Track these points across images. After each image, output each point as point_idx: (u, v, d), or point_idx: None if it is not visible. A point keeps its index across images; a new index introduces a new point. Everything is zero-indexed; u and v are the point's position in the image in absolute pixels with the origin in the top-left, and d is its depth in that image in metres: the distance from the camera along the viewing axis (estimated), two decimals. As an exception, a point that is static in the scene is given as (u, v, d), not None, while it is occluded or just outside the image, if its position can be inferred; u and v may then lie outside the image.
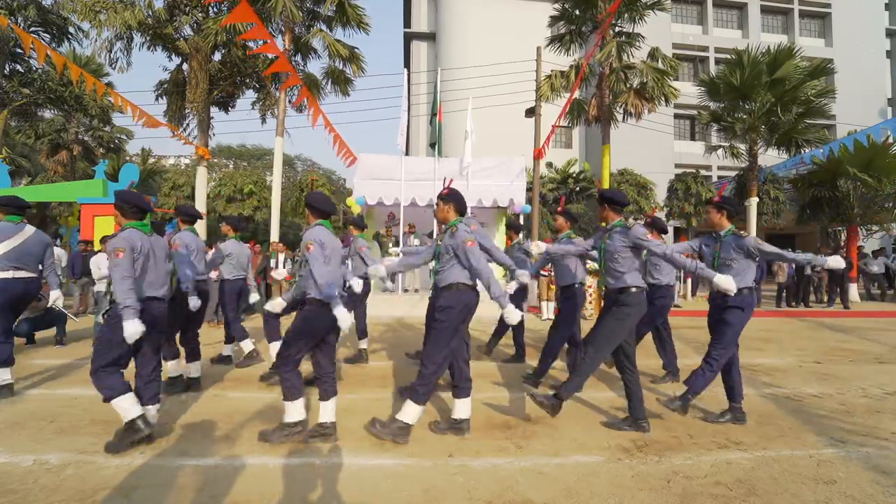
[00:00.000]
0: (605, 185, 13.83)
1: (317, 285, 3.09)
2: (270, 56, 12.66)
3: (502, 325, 5.77)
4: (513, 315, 3.18)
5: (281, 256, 10.14)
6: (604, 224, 3.71)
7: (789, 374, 5.27)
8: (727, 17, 29.77)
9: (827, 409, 4.05)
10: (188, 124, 13.85)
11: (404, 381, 4.87)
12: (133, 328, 2.91)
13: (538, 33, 18.93)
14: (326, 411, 3.27)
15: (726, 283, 3.30)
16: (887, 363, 5.84)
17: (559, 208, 5.03)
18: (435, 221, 10.62)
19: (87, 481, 2.64)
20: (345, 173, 49.70)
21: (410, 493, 2.56)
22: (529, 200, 11.87)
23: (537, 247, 3.62)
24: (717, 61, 27.23)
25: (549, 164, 25.42)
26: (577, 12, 13.70)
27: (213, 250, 5.31)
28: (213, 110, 13.85)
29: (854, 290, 13.66)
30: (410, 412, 3.23)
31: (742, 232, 3.67)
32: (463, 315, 3.28)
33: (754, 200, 14.63)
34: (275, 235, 12.42)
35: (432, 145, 11.01)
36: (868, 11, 29.82)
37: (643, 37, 13.35)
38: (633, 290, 3.39)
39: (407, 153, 10.97)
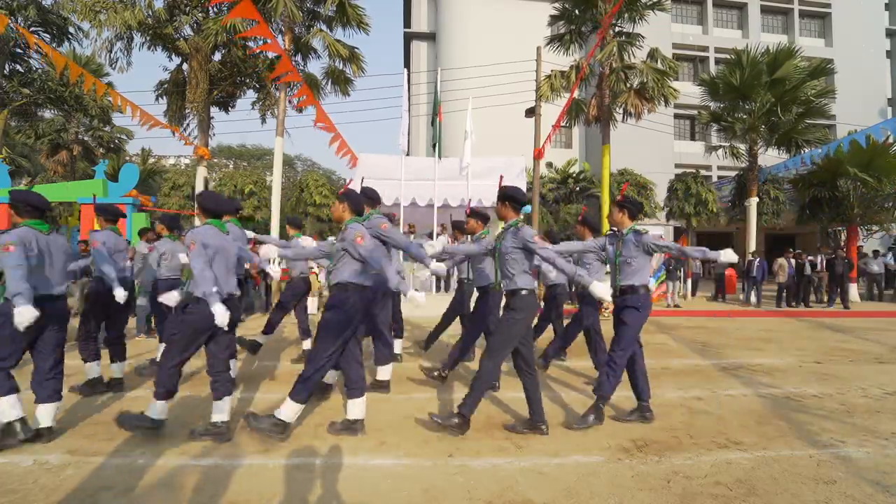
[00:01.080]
0: (605, 186, 13.83)
1: (196, 284, 3.09)
2: (271, 56, 12.67)
3: (444, 321, 5.72)
4: (416, 299, 3.18)
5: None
6: (503, 223, 3.67)
7: (789, 374, 5.27)
8: (727, 17, 29.77)
9: (827, 409, 4.05)
10: (188, 124, 13.85)
11: (410, 381, 4.87)
12: (26, 314, 2.83)
13: (538, 33, 18.91)
14: (219, 410, 3.23)
15: (601, 291, 3.38)
16: (887, 363, 5.84)
17: (467, 209, 5.02)
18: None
19: (87, 481, 2.64)
20: (345, 173, 49.70)
21: (410, 493, 2.56)
22: (529, 200, 11.85)
23: (431, 247, 3.58)
24: (717, 61, 27.21)
25: (549, 164, 25.42)
26: (577, 12, 13.68)
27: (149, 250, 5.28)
28: (213, 110, 13.85)
29: (854, 290, 13.65)
30: (288, 410, 3.18)
31: (643, 229, 3.66)
32: (351, 315, 3.23)
33: (754, 200, 14.63)
34: (274, 235, 12.42)
35: (434, 146, 11.01)
36: (868, 11, 29.81)
37: (643, 37, 13.33)
38: (524, 292, 3.35)
39: (407, 153, 10.97)
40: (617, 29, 13.27)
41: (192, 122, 13.65)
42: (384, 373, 4.47)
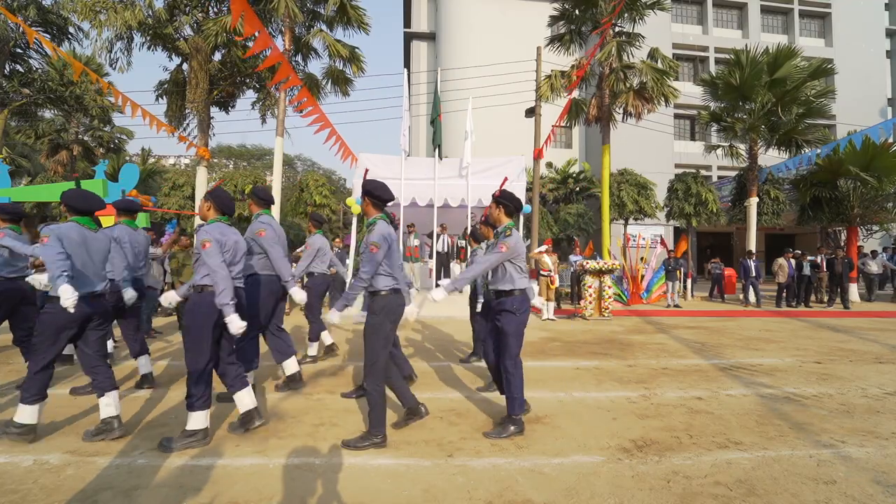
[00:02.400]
0: (606, 186, 13.84)
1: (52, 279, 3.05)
2: (267, 52, 12.67)
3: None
4: (234, 324, 3.06)
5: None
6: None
7: (789, 374, 5.27)
8: (727, 17, 29.76)
9: (827, 409, 4.05)
10: (188, 124, 13.86)
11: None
12: (68, 292, 2.87)
13: (538, 33, 18.94)
14: (106, 405, 3.21)
15: (298, 296, 3.52)
16: (887, 363, 5.84)
17: (484, 213, 5.01)
18: (434, 222, 10.64)
19: (87, 481, 2.64)
20: (345, 173, 49.69)
21: (410, 493, 2.56)
22: (529, 200, 11.86)
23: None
24: (717, 61, 27.23)
25: (549, 164, 25.43)
26: (577, 12, 13.71)
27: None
28: (213, 110, 13.86)
29: (854, 290, 13.66)
30: (193, 420, 3.11)
31: (509, 230, 3.47)
32: (211, 317, 3.12)
33: (754, 200, 14.64)
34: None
35: (438, 146, 11.01)
36: (868, 11, 29.81)
37: (643, 37, 13.36)
38: (382, 292, 3.25)
39: (407, 153, 10.97)
40: (617, 29, 13.28)
41: (192, 122, 13.66)
42: (290, 367, 4.44)
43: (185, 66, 13.27)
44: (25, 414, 3.11)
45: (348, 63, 13.35)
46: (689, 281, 14.35)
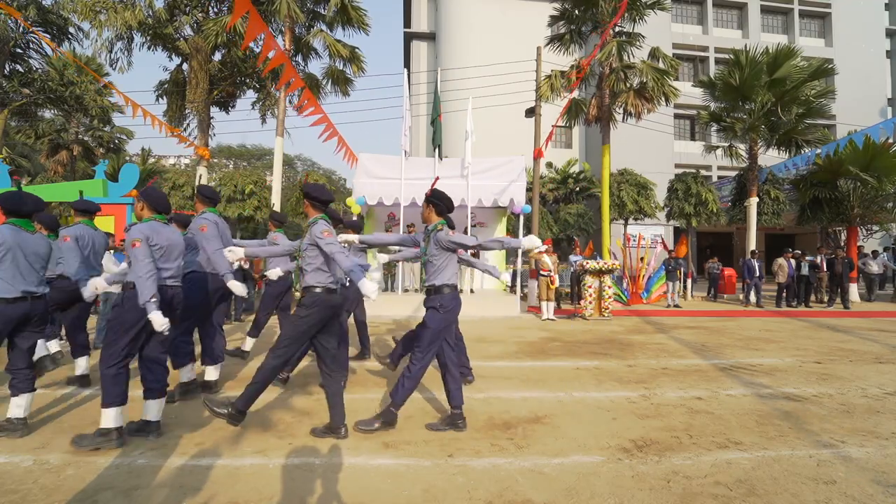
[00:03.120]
0: (605, 186, 13.83)
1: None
2: (271, 56, 12.67)
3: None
4: (155, 322, 3.03)
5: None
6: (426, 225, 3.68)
7: (789, 374, 5.27)
8: (727, 17, 29.77)
9: (827, 409, 4.05)
10: (188, 124, 13.86)
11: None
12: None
13: (538, 33, 18.92)
14: (16, 406, 3.22)
15: (237, 288, 3.60)
16: (887, 363, 5.84)
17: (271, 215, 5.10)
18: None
19: (87, 481, 2.64)
20: (345, 173, 49.70)
21: (410, 493, 2.56)
22: (529, 200, 11.85)
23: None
24: (717, 61, 27.23)
25: (549, 164, 25.43)
26: (577, 12, 13.70)
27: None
28: (213, 110, 13.86)
29: (854, 290, 13.66)
30: (105, 417, 3.08)
31: (440, 226, 3.54)
32: (137, 314, 3.09)
33: (754, 200, 14.63)
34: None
35: (438, 146, 11.01)
36: (868, 11, 29.81)
37: (643, 36, 13.35)
38: (317, 289, 3.24)
39: (406, 154, 10.97)
40: (617, 29, 13.28)
41: (192, 122, 13.66)
42: (211, 373, 4.36)
43: (185, 66, 13.27)
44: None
45: (348, 63, 13.36)
46: (689, 281, 14.35)
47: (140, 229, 3.17)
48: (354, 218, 11.08)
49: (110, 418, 3.06)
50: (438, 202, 3.60)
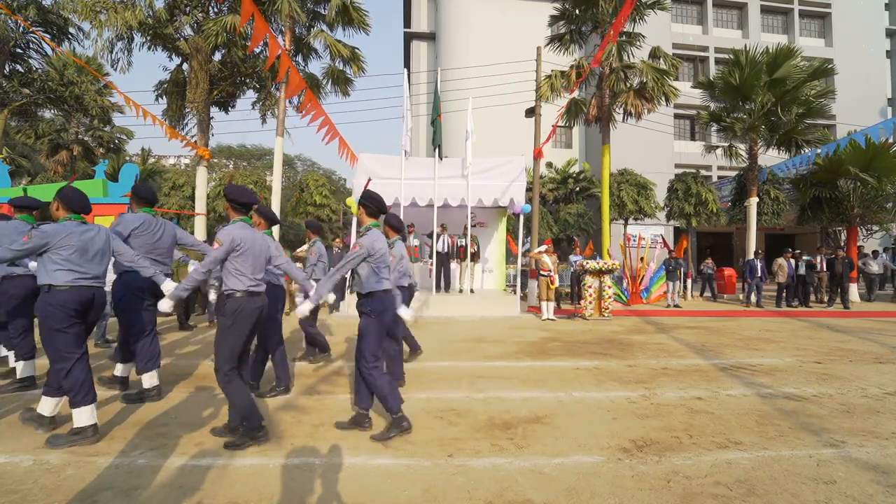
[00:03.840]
0: (605, 186, 13.84)
1: None
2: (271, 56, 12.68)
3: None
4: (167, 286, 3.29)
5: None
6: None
7: (789, 374, 5.27)
8: (727, 17, 29.77)
9: (827, 409, 4.05)
10: (188, 124, 13.86)
11: (409, 381, 4.87)
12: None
13: (538, 33, 18.92)
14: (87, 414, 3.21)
15: (167, 287, 3.56)
16: (887, 363, 5.84)
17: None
18: (434, 222, 10.64)
19: (87, 481, 2.64)
20: (345, 173, 49.68)
21: (410, 493, 2.56)
22: (529, 200, 11.86)
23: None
24: (717, 61, 27.24)
25: (549, 164, 25.43)
26: (578, 12, 13.70)
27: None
28: (213, 110, 13.86)
29: (854, 290, 13.65)
30: (77, 416, 3.13)
31: (373, 228, 3.49)
32: (56, 313, 3.10)
33: (754, 200, 14.63)
34: (275, 235, 12.41)
35: (438, 146, 11.01)
36: (868, 11, 29.81)
37: (643, 36, 13.35)
38: (238, 294, 3.19)
39: (406, 154, 10.98)
40: (612, 29, 13.27)
41: (192, 122, 13.66)
42: (121, 371, 4.29)
43: (185, 66, 13.27)
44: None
45: (349, 63, 13.37)
46: (689, 281, 14.35)
47: (45, 229, 3.15)
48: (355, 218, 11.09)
49: (84, 417, 3.12)
50: (369, 203, 3.55)
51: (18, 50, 15.57)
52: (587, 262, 10.32)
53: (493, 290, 12.11)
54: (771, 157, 16.20)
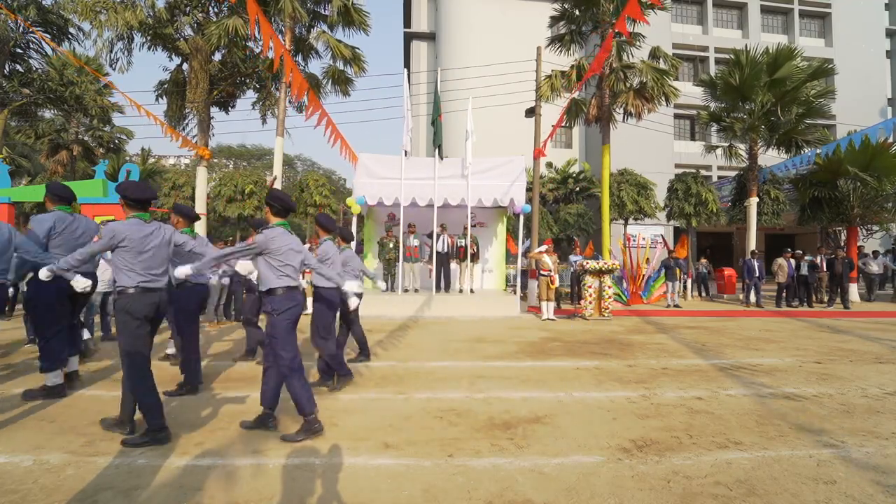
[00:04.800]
0: (605, 186, 13.84)
1: None
2: (271, 56, 12.70)
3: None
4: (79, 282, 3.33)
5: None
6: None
7: (789, 374, 5.27)
8: (727, 17, 29.77)
9: (827, 409, 4.05)
10: (188, 124, 13.86)
11: (409, 382, 4.88)
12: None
13: (538, 33, 18.94)
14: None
15: (79, 284, 3.45)
16: (887, 363, 5.84)
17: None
18: (434, 222, 10.64)
19: (87, 481, 2.64)
20: (345, 173, 49.68)
21: (410, 493, 2.56)
22: (529, 200, 11.86)
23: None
24: (717, 61, 27.23)
25: (549, 164, 25.43)
26: (578, 12, 13.71)
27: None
28: (213, 110, 13.86)
29: (854, 290, 13.66)
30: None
31: (272, 226, 3.45)
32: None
33: (754, 200, 14.63)
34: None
35: (439, 146, 11.01)
36: (868, 11, 29.81)
37: (643, 36, 13.35)
38: (131, 290, 3.14)
39: (406, 153, 10.98)
40: (617, 29, 13.27)
41: (192, 122, 13.66)
42: (53, 378, 4.08)
43: (185, 66, 13.27)
44: None
45: (350, 63, 13.40)
46: (688, 281, 14.37)
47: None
48: (354, 218, 11.10)
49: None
50: (273, 203, 3.51)
51: (18, 50, 15.56)
52: (587, 262, 10.32)
53: (493, 291, 12.11)
54: (771, 157, 16.19)
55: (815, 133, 14.62)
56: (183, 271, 3.36)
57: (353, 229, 10.94)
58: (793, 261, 12.68)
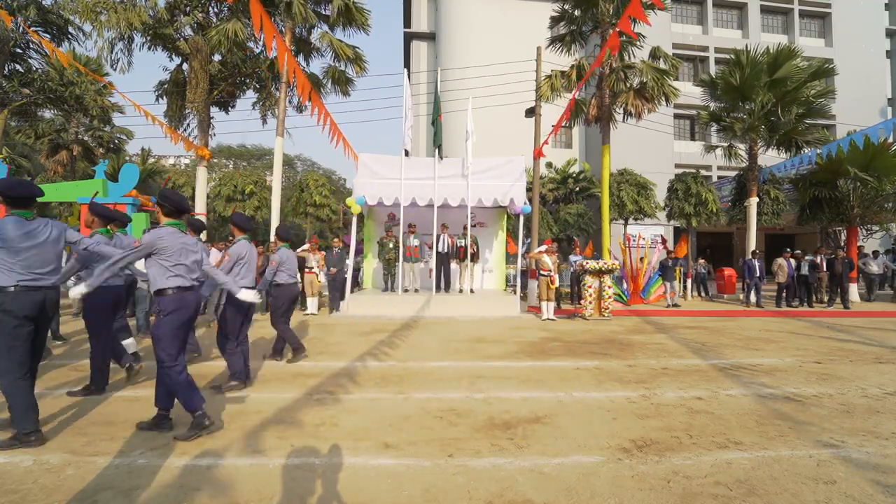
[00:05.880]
0: (605, 186, 13.83)
1: None
2: (272, 56, 12.71)
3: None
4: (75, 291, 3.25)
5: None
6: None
7: (789, 374, 5.27)
8: (727, 17, 29.76)
9: (827, 409, 4.05)
10: (188, 124, 13.87)
11: (409, 382, 4.88)
12: None
13: (538, 33, 18.94)
14: None
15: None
16: (887, 363, 5.84)
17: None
18: (434, 222, 10.64)
19: (87, 481, 2.64)
20: (345, 173, 49.70)
21: (410, 493, 2.56)
22: (529, 200, 11.86)
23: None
24: (717, 61, 27.22)
25: (549, 165, 25.43)
26: (577, 13, 13.71)
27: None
28: (213, 110, 13.87)
29: (854, 290, 13.65)
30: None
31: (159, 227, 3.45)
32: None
33: (754, 200, 14.63)
34: (275, 236, 12.41)
35: (439, 146, 11.02)
36: (868, 11, 29.81)
37: (644, 36, 13.34)
38: (10, 289, 3.07)
39: (407, 153, 10.99)
40: (620, 28, 13.28)
41: (192, 122, 13.66)
42: None
43: (185, 66, 13.27)
44: None
45: (351, 63, 13.43)
46: (688, 281, 14.37)
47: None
48: (355, 218, 11.10)
49: None
50: (164, 203, 3.48)
51: (18, 50, 15.56)
52: (587, 262, 10.31)
53: (493, 290, 12.11)
54: (771, 157, 16.20)
55: (814, 133, 14.62)
56: (77, 291, 3.33)
57: (353, 229, 10.95)
58: (793, 261, 12.68)
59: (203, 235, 5.91)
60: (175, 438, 3.24)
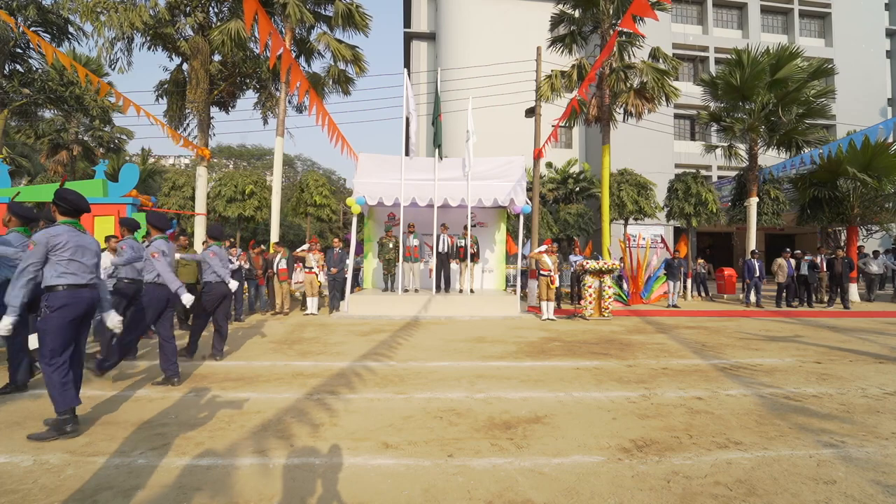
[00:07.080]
0: (605, 186, 13.83)
1: None
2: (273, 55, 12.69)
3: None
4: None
5: (278, 256, 10.17)
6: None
7: (789, 374, 5.27)
8: (727, 17, 29.76)
9: (827, 409, 4.05)
10: (188, 124, 13.87)
11: (409, 382, 4.88)
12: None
13: (538, 33, 18.94)
14: None
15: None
16: (887, 363, 5.84)
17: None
18: (434, 222, 10.64)
19: (87, 481, 2.64)
20: (345, 173, 49.70)
21: (410, 493, 2.56)
22: (530, 200, 11.86)
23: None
24: (717, 61, 27.21)
25: (549, 165, 25.43)
26: (577, 14, 13.72)
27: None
28: (213, 110, 13.87)
29: (854, 290, 13.65)
30: None
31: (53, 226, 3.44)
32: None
33: (754, 200, 14.64)
34: (275, 236, 12.42)
35: (439, 146, 11.02)
36: (868, 11, 29.81)
37: (644, 36, 13.36)
38: None
39: (407, 153, 10.98)
40: (623, 27, 13.29)
41: (192, 122, 13.66)
42: None
43: (185, 66, 13.27)
44: None
45: (351, 63, 13.44)
46: (688, 281, 14.37)
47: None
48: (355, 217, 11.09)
49: None
50: (60, 203, 3.49)
51: (18, 50, 15.55)
52: (587, 262, 10.32)
53: (493, 290, 12.11)
54: (771, 157, 16.20)
55: (815, 133, 14.63)
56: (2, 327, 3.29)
57: (353, 229, 10.95)
58: (792, 261, 12.68)
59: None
60: (28, 438, 3.22)
